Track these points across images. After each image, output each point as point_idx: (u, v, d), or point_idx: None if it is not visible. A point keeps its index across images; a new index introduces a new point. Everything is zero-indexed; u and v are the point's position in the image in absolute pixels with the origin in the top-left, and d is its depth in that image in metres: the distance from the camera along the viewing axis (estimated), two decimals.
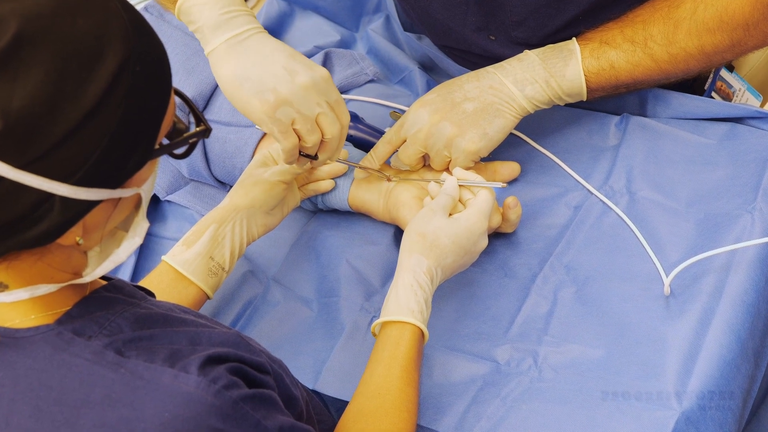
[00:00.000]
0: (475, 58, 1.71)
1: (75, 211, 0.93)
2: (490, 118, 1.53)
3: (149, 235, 1.71)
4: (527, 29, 1.61)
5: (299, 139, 1.38)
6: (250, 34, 1.36)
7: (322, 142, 1.40)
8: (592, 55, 1.53)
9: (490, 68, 1.56)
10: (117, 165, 0.93)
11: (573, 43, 1.55)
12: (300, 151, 1.40)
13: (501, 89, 1.53)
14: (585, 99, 1.56)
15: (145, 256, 1.68)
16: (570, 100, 1.57)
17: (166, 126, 0.98)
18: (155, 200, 1.74)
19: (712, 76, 1.72)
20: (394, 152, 1.58)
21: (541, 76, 1.53)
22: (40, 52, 0.88)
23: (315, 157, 1.43)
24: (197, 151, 1.68)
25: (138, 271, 1.66)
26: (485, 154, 1.55)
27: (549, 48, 1.56)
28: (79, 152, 0.90)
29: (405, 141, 1.55)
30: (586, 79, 1.54)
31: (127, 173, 0.95)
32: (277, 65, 1.34)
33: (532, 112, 1.55)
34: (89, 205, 0.93)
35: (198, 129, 1.04)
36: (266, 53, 1.35)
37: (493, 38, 1.66)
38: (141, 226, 1.03)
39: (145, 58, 0.93)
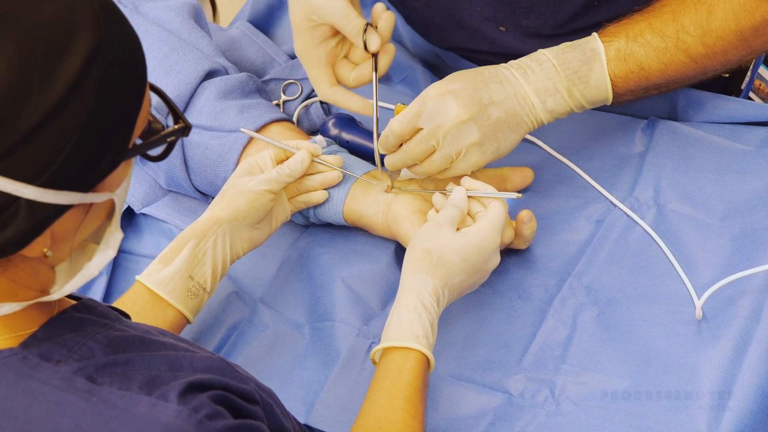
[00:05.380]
0: (484, 56, 1.71)
1: (42, 216, 0.93)
2: (509, 132, 1.51)
3: (123, 252, 1.71)
4: (538, 16, 1.61)
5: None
6: None
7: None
8: (619, 57, 1.51)
9: (512, 69, 1.52)
10: (88, 165, 0.94)
11: (595, 41, 1.52)
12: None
13: (525, 98, 1.51)
14: (609, 104, 1.56)
15: (118, 275, 1.68)
16: (591, 107, 1.56)
17: (141, 124, 0.98)
18: (130, 213, 1.74)
19: (749, 74, 1.72)
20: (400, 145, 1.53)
21: (563, 84, 1.51)
22: (2, 39, 0.88)
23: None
24: (176, 159, 1.68)
25: (110, 292, 1.66)
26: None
27: (568, 47, 1.53)
28: (47, 150, 0.90)
29: (416, 131, 1.50)
30: (612, 84, 1.52)
31: (99, 175, 0.96)
32: None
33: (546, 124, 1.55)
34: (58, 210, 0.93)
35: (176, 127, 1.04)
36: None
37: (503, 29, 1.66)
38: (114, 237, 1.03)
39: (117, 47, 0.94)
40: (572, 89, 1.51)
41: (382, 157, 1.58)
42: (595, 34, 1.54)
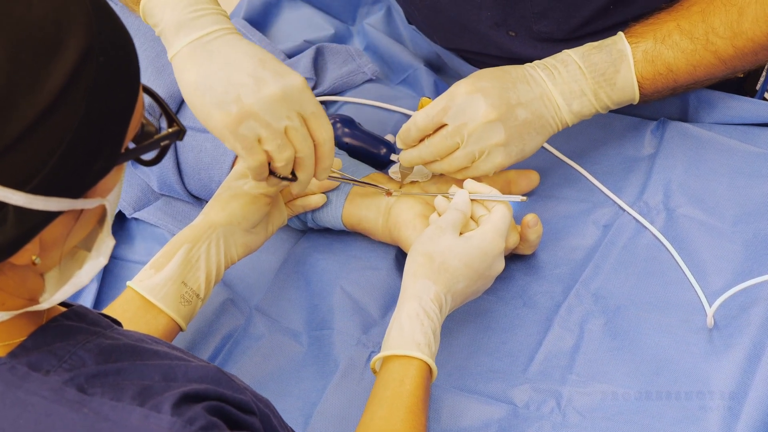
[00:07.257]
0: (492, 60, 1.71)
1: (31, 223, 0.92)
2: (534, 134, 1.52)
3: (114, 258, 1.70)
4: (551, 22, 1.61)
5: (269, 157, 1.39)
6: (217, 35, 1.38)
7: (296, 159, 1.42)
8: (646, 58, 1.52)
9: (537, 69, 1.53)
10: (79, 171, 0.93)
11: (622, 42, 1.53)
12: (276, 173, 1.42)
13: (551, 100, 1.52)
14: (635, 104, 1.56)
15: (108, 282, 1.68)
16: (617, 108, 1.57)
17: (133, 127, 0.98)
18: (121, 218, 1.74)
19: (765, 73, 1.72)
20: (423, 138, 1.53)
21: (590, 86, 1.52)
22: None
23: (293, 178, 1.44)
24: (169, 162, 1.68)
25: (101, 299, 1.66)
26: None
27: (594, 48, 1.54)
28: (36, 155, 0.90)
29: (440, 127, 1.51)
30: (639, 86, 1.53)
31: (91, 180, 0.95)
32: (243, 72, 1.36)
33: (570, 126, 1.55)
34: (47, 217, 0.93)
35: (170, 130, 1.04)
36: (233, 58, 1.37)
37: (513, 34, 1.66)
38: (106, 244, 1.03)
39: (109, 47, 0.93)
40: (599, 91, 1.52)
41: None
42: (621, 34, 1.55)
